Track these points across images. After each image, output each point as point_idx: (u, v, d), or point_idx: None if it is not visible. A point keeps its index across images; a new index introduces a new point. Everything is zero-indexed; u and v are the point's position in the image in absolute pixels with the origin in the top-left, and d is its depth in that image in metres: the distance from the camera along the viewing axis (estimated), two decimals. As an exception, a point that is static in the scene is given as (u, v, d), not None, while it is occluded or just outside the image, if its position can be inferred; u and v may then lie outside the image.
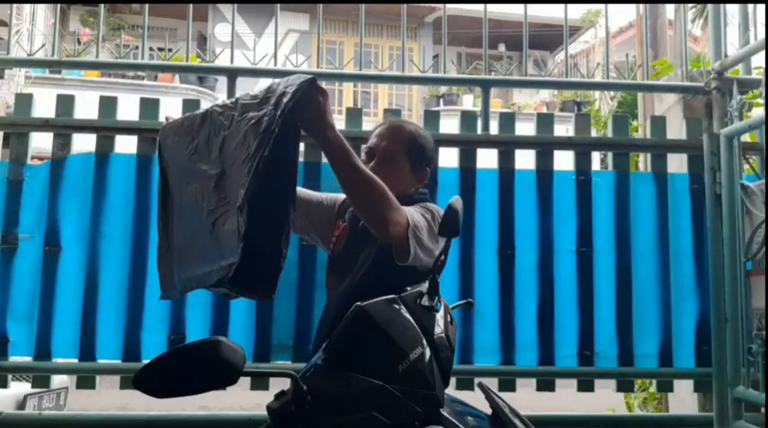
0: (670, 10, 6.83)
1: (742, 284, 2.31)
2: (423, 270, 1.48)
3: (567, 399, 2.89)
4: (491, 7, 2.72)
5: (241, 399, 4.43)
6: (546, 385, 2.44)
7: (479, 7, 2.77)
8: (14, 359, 2.34)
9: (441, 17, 2.96)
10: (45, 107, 2.44)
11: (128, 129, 2.41)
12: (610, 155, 2.60)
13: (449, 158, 2.53)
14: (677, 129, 2.63)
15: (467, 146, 2.50)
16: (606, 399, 3.25)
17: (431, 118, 2.57)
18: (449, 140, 2.50)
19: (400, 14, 2.67)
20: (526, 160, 2.53)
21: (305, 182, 2.35)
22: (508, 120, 2.57)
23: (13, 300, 2.31)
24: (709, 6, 2.64)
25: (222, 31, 12.38)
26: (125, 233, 2.33)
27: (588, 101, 10.73)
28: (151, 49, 5.16)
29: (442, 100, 12.55)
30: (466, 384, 2.34)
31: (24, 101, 2.46)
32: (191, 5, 2.63)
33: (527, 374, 2.42)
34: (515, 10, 9.43)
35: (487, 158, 2.53)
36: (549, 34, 12.03)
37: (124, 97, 2.70)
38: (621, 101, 6.91)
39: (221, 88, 5.15)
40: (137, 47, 2.78)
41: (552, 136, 2.55)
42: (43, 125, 2.41)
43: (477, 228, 2.43)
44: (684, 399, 2.65)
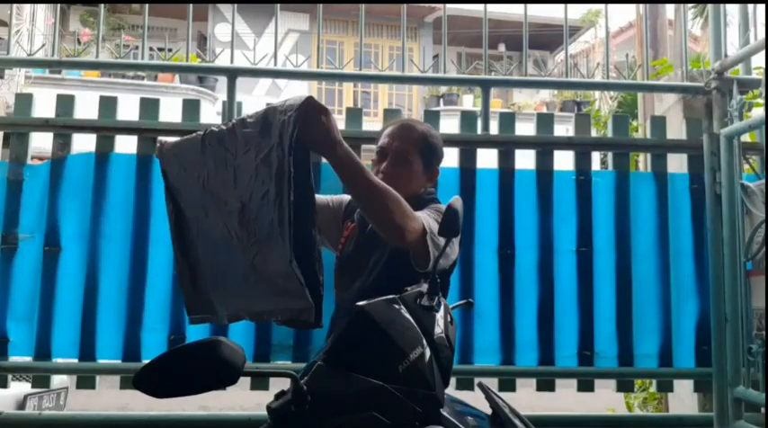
0: (670, 10, 6.82)
1: (742, 284, 2.31)
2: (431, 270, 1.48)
3: (567, 399, 2.89)
4: (491, 7, 2.72)
5: (241, 399, 4.43)
6: (546, 385, 2.44)
7: (479, 7, 2.77)
8: (14, 359, 2.34)
9: (441, 17, 2.96)
10: (45, 107, 2.44)
11: (128, 129, 2.41)
12: (610, 155, 2.60)
13: (449, 158, 2.52)
14: (677, 129, 2.63)
15: (467, 146, 2.50)
16: (606, 399, 3.25)
17: (431, 118, 2.57)
18: (449, 140, 2.48)
19: (400, 14, 2.67)
20: (526, 160, 2.53)
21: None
22: (508, 120, 2.57)
23: (13, 300, 2.31)
24: (709, 6, 2.64)
25: (222, 31, 12.38)
26: (125, 233, 2.33)
27: (588, 101, 10.72)
28: (151, 49, 5.17)
29: (441, 100, 12.55)
30: (466, 384, 2.34)
31: (24, 101, 2.46)
32: (191, 5, 2.63)
33: (527, 374, 2.42)
34: (515, 10, 9.43)
35: (487, 158, 2.53)
36: (549, 34, 12.03)
37: (124, 97, 2.70)
38: (621, 101, 6.90)
39: (221, 88, 5.15)
40: (137, 47, 2.78)
41: (552, 136, 2.55)
42: (43, 125, 2.41)
43: (477, 228, 2.43)
44: (684, 399, 2.65)
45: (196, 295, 1.65)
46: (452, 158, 2.54)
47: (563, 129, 3.05)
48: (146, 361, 1.10)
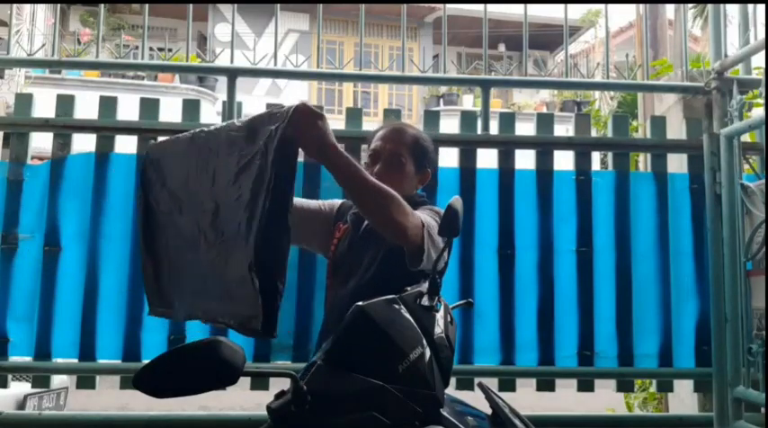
0: (670, 10, 6.83)
1: (742, 284, 2.31)
2: (429, 271, 1.48)
3: (567, 399, 2.89)
4: (491, 7, 2.72)
5: (241, 399, 4.43)
6: (546, 385, 2.44)
7: (479, 7, 2.77)
8: (14, 359, 2.34)
9: (441, 17, 2.96)
10: (45, 107, 2.44)
11: (128, 129, 2.41)
12: (610, 155, 2.60)
13: (449, 158, 2.53)
14: (677, 129, 2.63)
15: (467, 146, 2.50)
16: (606, 399, 3.25)
17: (431, 118, 2.57)
18: (449, 140, 2.50)
19: (400, 14, 2.67)
20: (526, 160, 2.53)
21: (305, 184, 2.35)
22: (508, 120, 2.57)
23: (13, 300, 2.31)
24: (709, 6, 2.64)
25: (222, 31, 12.37)
26: (125, 233, 2.33)
27: (588, 101, 10.72)
28: (151, 49, 5.16)
29: (442, 100, 12.54)
30: (466, 384, 2.34)
31: (24, 101, 2.46)
32: (191, 5, 2.63)
33: (527, 374, 2.42)
34: (515, 10, 9.43)
35: (487, 158, 2.53)
36: (549, 34, 12.03)
37: (124, 97, 2.70)
38: (621, 101, 6.90)
39: (221, 88, 5.15)
40: (137, 47, 2.78)
41: (552, 136, 2.56)
42: (43, 125, 2.41)
43: (477, 228, 2.43)
44: (684, 399, 2.65)
45: (157, 289, 1.67)
46: (452, 158, 2.54)
47: (563, 129, 3.05)
48: (146, 361, 1.10)
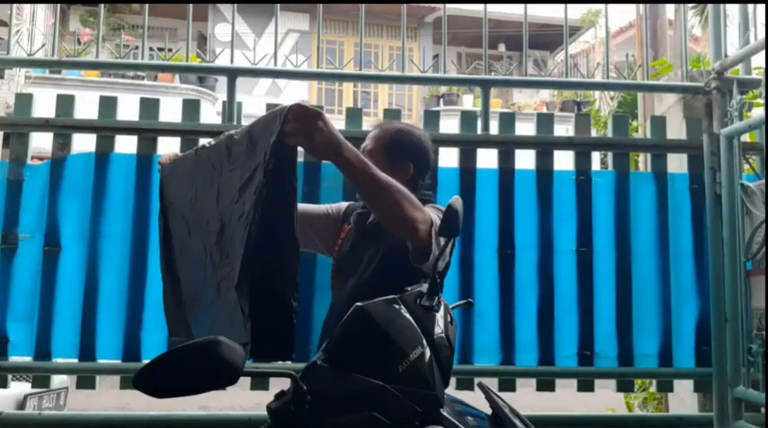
0: (670, 10, 6.82)
1: (742, 284, 2.31)
2: (428, 270, 1.48)
3: (567, 399, 2.89)
4: (491, 7, 2.72)
5: (241, 399, 4.43)
6: (546, 385, 2.44)
7: (479, 7, 2.77)
8: (14, 359, 2.34)
9: (441, 17, 2.96)
10: (45, 107, 2.44)
11: (128, 129, 2.41)
12: (610, 155, 2.60)
13: (449, 158, 2.53)
14: (677, 129, 2.63)
15: (467, 146, 2.50)
16: (606, 399, 3.25)
17: (431, 118, 2.57)
18: (449, 140, 2.50)
19: (400, 14, 2.67)
20: (526, 160, 2.53)
21: (305, 184, 2.36)
22: (508, 120, 2.57)
23: (13, 300, 2.31)
24: (710, 6, 2.64)
25: (222, 31, 12.37)
26: (125, 233, 2.33)
27: (588, 101, 10.72)
28: (151, 49, 5.17)
29: (442, 100, 12.54)
30: (466, 384, 2.34)
31: (24, 101, 2.46)
32: (191, 5, 2.63)
33: (527, 374, 2.42)
34: (515, 10, 9.43)
35: (487, 158, 2.53)
36: (549, 34, 12.03)
37: (124, 97, 2.70)
38: (621, 101, 6.89)
39: (221, 88, 5.15)
40: (137, 47, 2.78)
41: (552, 136, 2.55)
42: (43, 125, 2.41)
43: (477, 228, 2.43)
44: (684, 399, 2.65)
45: (177, 316, 1.60)
46: (452, 158, 2.54)
47: (563, 129, 3.05)
48: (146, 361, 1.10)
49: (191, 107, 2.49)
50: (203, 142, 1.57)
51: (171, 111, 2.48)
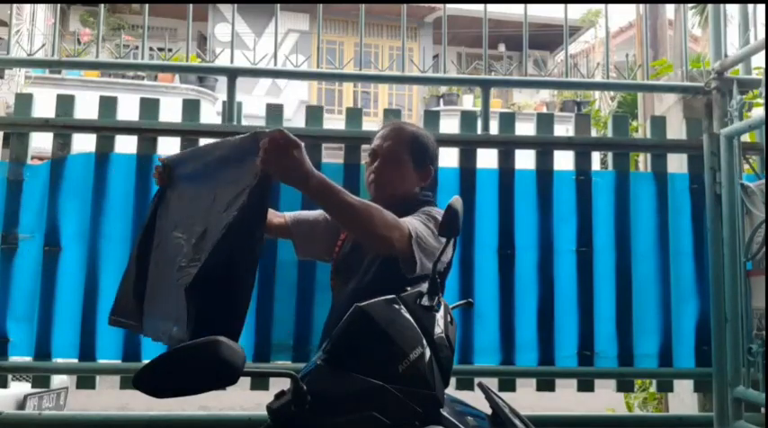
0: (670, 10, 6.83)
1: (742, 284, 2.31)
2: (428, 270, 1.48)
3: (567, 399, 2.89)
4: (491, 7, 2.72)
5: (241, 399, 4.43)
6: (546, 385, 2.44)
7: (479, 7, 2.77)
8: (14, 359, 2.34)
9: (441, 17, 2.96)
10: (45, 107, 2.44)
11: (128, 128, 2.41)
12: (610, 155, 2.60)
13: (449, 158, 2.53)
14: (677, 129, 2.63)
15: (467, 146, 2.50)
16: (606, 399, 3.25)
17: (431, 118, 2.57)
18: (449, 140, 2.49)
19: (400, 14, 2.67)
20: (526, 160, 2.53)
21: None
22: (508, 120, 2.57)
23: (13, 300, 2.31)
24: (710, 6, 2.64)
25: (222, 31, 12.37)
26: (125, 233, 2.33)
27: (588, 101, 10.72)
28: (151, 49, 5.17)
29: (441, 100, 12.54)
30: (466, 384, 2.34)
31: (24, 101, 2.46)
32: (191, 5, 2.63)
33: (527, 374, 2.42)
34: (515, 10, 9.43)
35: (487, 158, 2.53)
36: (549, 34, 12.03)
37: (124, 97, 2.70)
38: (621, 101, 6.89)
39: (221, 88, 5.15)
40: (137, 47, 2.78)
41: (552, 136, 2.55)
42: (43, 125, 2.41)
43: (477, 228, 2.43)
44: (684, 399, 2.65)
45: (128, 299, 1.69)
46: (452, 158, 2.54)
47: (563, 129, 3.05)
48: (146, 361, 1.10)
49: (191, 107, 2.49)
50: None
51: (171, 111, 2.48)
